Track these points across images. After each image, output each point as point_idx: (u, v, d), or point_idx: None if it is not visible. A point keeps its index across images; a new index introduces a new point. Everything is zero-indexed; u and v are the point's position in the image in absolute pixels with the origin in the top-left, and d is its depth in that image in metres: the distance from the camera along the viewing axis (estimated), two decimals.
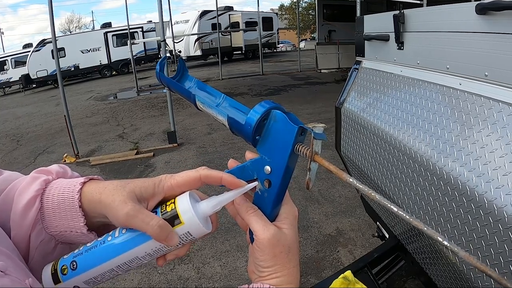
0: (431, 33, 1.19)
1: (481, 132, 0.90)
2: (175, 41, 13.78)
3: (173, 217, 0.40)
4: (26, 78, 16.61)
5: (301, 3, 29.25)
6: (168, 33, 13.11)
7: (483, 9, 0.91)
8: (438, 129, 1.07)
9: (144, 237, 0.40)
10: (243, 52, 21.19)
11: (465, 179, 0.90)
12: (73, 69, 17.64)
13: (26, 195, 0.41)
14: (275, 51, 27.81)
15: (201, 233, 0.41)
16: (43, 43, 16.24)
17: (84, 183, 0.43)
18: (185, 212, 0.40)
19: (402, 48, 1.37)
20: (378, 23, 1.58)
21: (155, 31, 19.00)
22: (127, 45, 13.35)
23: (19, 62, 17.37)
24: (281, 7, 37.30)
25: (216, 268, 2.50)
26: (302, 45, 24.44)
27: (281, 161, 0.40)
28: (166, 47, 6.59)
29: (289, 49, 33.68)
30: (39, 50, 16.27)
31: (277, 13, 27.42)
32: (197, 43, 18.39)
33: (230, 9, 20.36)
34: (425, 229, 0.32)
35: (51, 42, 6.17)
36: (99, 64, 18.54)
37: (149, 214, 0.40)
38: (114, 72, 19.12)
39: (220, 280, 2.38)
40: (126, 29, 14.33)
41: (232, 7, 20.78)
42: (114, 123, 7.53)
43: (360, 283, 1.22)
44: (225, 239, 2.80)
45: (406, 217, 0.33)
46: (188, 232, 0.40)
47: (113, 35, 18.54)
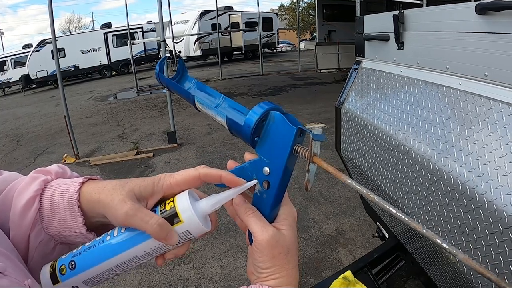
0: (431, 33, 1.19)
1: (481, 132, 0.90)
2: (175, 41, 13.79)
3: (172, 216, 0.40)
4: (26, 78, 16.61)
5: (301, 3, 29.29)
6: (168, 33, 13.10)
7: (483, 9, 0.91)
8: (438, 129, 1.07)
9: (143, 236, 0.40)
10: (243, 52, 21.19)
11: (465, 179, 0.90)
12: (73, 69, 17.64)
13: (25, 195, 0.41)
14: (275, 51, 27.80)
15: (201, 232, 0.41)
16: (43, 44, 16.25)
17: (83, 183, 0.43)
18: (185, 210, 0.40)
19: (402, 48, 1.37)
20: (378, 23, 1.58)
21: (155, 31, 18.99)
22: (127, 45, 13.35)
23: (19, 62, 17.37)
24: (281, 7, 37.36)
25: (216, 268, 2.50)
26: (302, 45, 24.42)
27: (280, 163, 0.40)
28: (166, 47, 6.58)
29: (289, 49, 33.65)
30: (39, 50, 16.27)
31: (277, 13, 27.42)
32: (197, 43, 18.40)
33: (230, 9, 20.36)
34: (424, 231, 0.32)
35: (51, 42, 6.18)
36: (99, 64, 18.55)
37: (148, 212, 0.40)
38: (114, 72, 19.12)
39: (220, 280, 2.38)
40: (126, 29, 14.34)
41: (232, 7, 20.78)
42: (114, 123, 7.53)
43: (360, 283, 1.22)
44: (225, 239, 2.80)
45: (405, 219, 0.33)
46: (187, 230, 0.40)
47: (113, 35, 18.55)
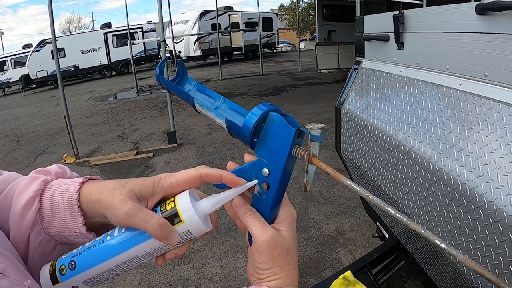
0: (431, 33, 1.19)
1: (481, 132, 0.90)
2: (175, 41, 13.81)
3: (173, 216, 0.40)
4: (26, 78, 16.61)
5: (301, 3, 29.31)
6: (168, 34, 13.10)
7: (483, 9, 0.91)
8: (438, 129, 1.07)
9: (143, 236, 0.40)
10: (243, 52, 21.19)
11: (465, 179, 0.90)
12: (73, 69, 17.64)
13: (25, 196, 0.41)
14: (275, 51, 27.79)
15: (201, 232, 0.41)
16: (43, 44, 16.25)
17: (82, 183, 0.43)
18: (185, 210, 0.40)
19: (402, 48, 1.37)
20: (378, 23, 1.58)
21: (155, 31, 18.99)
22: (127, 45, 13.34)
23: (19, 62, 17.37)
24: (281, 7, 37.41)
25: (216, 268, 2.50)
26: (302, 45, 24.43)
27: (279, 164, 0.40)
28: (166, 47, 6.58)
29: (289, 49, 33.66)
30: (39, 50, 16.27)
31: (277, 13, 27.42)
32: (197, 43, 18.40)
33: (230, 9, 20.37)
34: (422, 231, 0.32)
35: (51, 42, 6.17)
36: (99, 64, 18.54)
37: (149, 212, 0.40)
38: (114, 72, 19.12)
39: (220, 280, 2.37)
40: (126, 30, 14.34)
41: (232, 8, 20.79)
42: (114, 123, 7.53)
43: (360, 284, 1.22)
44: (225, 240, 2.80)
45: (403, 219, 0.33)
46: (188, 230, 0.40)
47: (113, 36, 18.55)
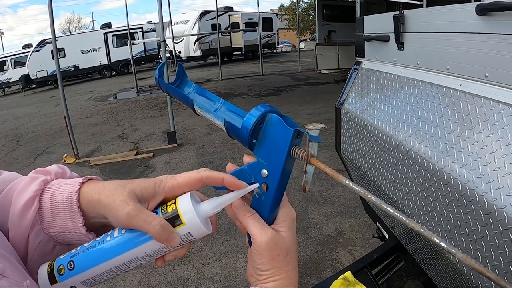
0: (431, 33, 1.19)
1: (481, 133, 0.90)
2: (175, 41, 13.80)
3: (174, 218, 0.40)
4: (26, 78, 16.61)
5: (301, 3, 29.32)
6: (168, 34, 13.10)
7: (483, 10, 0.91)
8: (438, 130, 1.07)
9: (144, 237, 0.40)
10: (243, 52, 21.20)
11: (465, 180, 0.90)
12: (73, 69, 17.65)
13: (24, 196, 0.41)
14: (275, 51, 27.80)
15: (202, 234, 0.41)
16: (43, 44, 16.25)
17: (82, 183, 0.43)
18: (187, 212, 0.40)
19: (402, 48, 1.37)
20: (378, 23, 1.58)
21: (155, 31, 19.00)
22: (127, 45, 13.34)
23: (19, 62, 17.37)
24: (281, 7, 37.45)
25: (216, 268, 2.50)
26: (302, 45, 24.44)
27: (278, 165, 0.40)
28: (166, 47, 6.58)
29: (289, 49, 33.68)
30: (39, 50, 16.27)
31: (277, 14, 27.43)
32: (197, 43, 18.40)
33: (230, 9, 20.38)
34: (422, 230, 0.32)
35: (51, 42, 6.17)
36: (99, 64, 18.55)
37: (150, 214, 0.40)
38: (114, 72, 19.12)
39: (220, 280, 2.37)
40: (126, 30, 14.35)
41: (232, 8, 20.80)
42: (114, 123, 7.53)
43: (360, 284, 1.22)
44: (225, 240, 2.80)
45: (402, 218, 0.33)
46: (189, 232, 0.40)
47: (113, 36, 18.55)
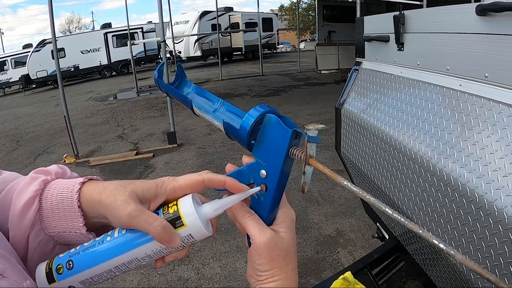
0: (431, 34, 1.19)
1: (481, 133, 0.90)
2: (175, 41, 13.79)
3: (175, 219, 0.40)
4: (26, 78, 16.61)
5: (301, 4, 29.31)
6: (168, 34, 13.10)
7: (483, 10, 0.91)
8: (438, 130, 1.07)
9: (145, 238, 0.40)
10: (243, 52, 21.21)
11: (465, 180, 0.90)
12: (73, 69, 17.65)
13: (24, 196, 0.41)
14: (275, 52, 27.82)
15: (203, 236, 0.41)
16: (43, 44, 16.25)
17: (83, 183, 0.43)
18: (188, 214, 0.40)
19: (402, 49, 1.37)
20: (378, 24, 1.58)
21: (155, 31, 19.00)
22: (127, 45, 13.35)
23: (19, 62, 17.37)
24: (281, 7, 37.40)
25: (216, 269, 2.50)
26: (302, 46, 24.43)
27: (276, 165, 0.40)
28: (166, 47, 6.58)
29: (289, 49, 33.70)
30: (39, 50, 16.28)
31: (277, 14, 27.44)
32: (197, 43, 18.41)
33: (230, 9, 20.38)
34: (420, 231, 0.32)
35: (51, 42, 6.17)
36: (99, 64, 18.55)
37: (152, 214, 0.40)
38: (114, 72, 19.12)
39: (220, 281, 2.37)
40: (126, 30, 14.36)
41: (232, 8, 20.81)
42: (114, 123, 7.53)
43: (360, 284, 1.22)
44: (225, 240, 2.80)
45: (401, 219, 0.33)
46: (189, 234, 0.40)
47: (113, 36, 18.55)
